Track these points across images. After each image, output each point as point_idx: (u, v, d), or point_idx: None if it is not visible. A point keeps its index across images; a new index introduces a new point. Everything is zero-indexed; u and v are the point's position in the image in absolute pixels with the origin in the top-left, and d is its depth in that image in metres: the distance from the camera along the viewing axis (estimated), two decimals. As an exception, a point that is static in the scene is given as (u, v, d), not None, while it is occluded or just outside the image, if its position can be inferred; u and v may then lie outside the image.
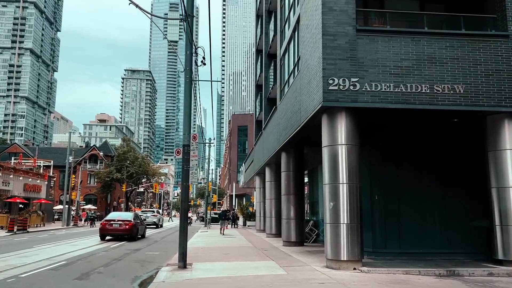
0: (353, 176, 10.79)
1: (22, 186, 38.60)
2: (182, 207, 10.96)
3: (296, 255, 13.71)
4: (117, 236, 21.85)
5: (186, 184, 11.01)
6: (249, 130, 75.71)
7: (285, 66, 17.55)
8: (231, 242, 19.91)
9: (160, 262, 12.94)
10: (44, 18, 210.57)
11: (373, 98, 10.81)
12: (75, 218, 42.07)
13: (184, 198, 11.00)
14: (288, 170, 17.88)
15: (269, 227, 23.32)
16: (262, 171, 26.92)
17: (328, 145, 11.17)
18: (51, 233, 28.53)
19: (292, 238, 17.34)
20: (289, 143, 16.40)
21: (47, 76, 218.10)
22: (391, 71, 10.96)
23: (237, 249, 16.22)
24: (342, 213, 10.65)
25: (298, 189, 17.74)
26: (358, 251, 10.55)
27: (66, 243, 19.46)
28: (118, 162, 66.02)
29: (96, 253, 15.19)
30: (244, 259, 12.85)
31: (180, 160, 70.00)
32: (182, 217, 10.95)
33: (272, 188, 23.43)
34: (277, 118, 18.55)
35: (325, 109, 11.13)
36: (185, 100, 11.34)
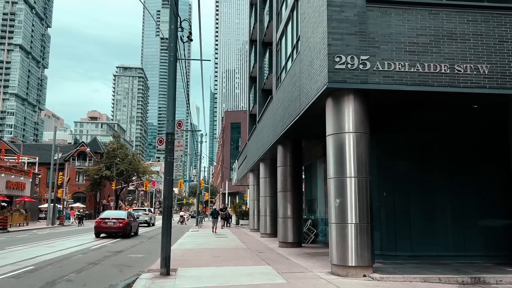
0: (362, 168, 9.36)
1: (4, 184, 36.79)
2: (165, 205, 9.48)
3: (295, 258, 12.28)
4: (111, 234, 22.61)
5: (170, 178, 9.52)
6: (242, 127, 74.25)
7: (282, 51, 16.09)
8: (222, 242, 18.45)
9: (141, 266, 11.47)
10: (34, 14, 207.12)
11: (386, 79, 9.38)
12: (61, 216, 40.32)
13: (168, 194, 9.51)
14: (285, 165, 16.44)
15: (264, 227, 21.88)
16: (256, 167, 25.47)
17: (333, 134, 9.72)
18: (32, 233, 26.86)
19: (289, 239, 15.92)
20: (286, 135, 14.95)
21: (37, 73, 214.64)
22: (406, 48, 9.54)
23: (229, 251, 14.76)
24: (349, 212, 9.23)
25: (296, 186, 16.31)
26: (368, 255, 9.13)
27: (44, 244, 17.87)
28: (108, 159, 64.17)
29: (73, 256, 13.65)
30: (236, 263, 11.39)
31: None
32: (165, 216, 9.46)
33: (267, 185, 21.99)
34: (272, 108, 17.10)
35: (330, 92, 9.69)
36: (169, 81, 9.85)
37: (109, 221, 22.77)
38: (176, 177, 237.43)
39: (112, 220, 22.78)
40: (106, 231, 22.66)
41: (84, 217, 42.35)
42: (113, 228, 22.51)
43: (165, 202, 9.52)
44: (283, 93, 14.67)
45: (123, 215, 23.90)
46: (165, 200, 9.53)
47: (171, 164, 9.56)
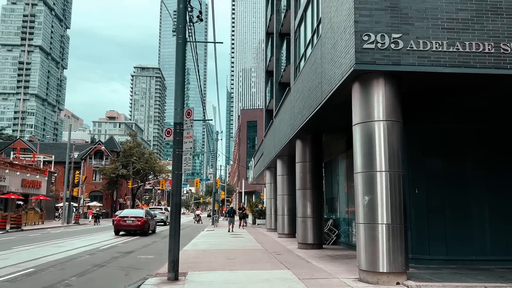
0: (394, 161, 8.26)
1: (20, 182, 36.61)
2: (173, 202, 8.55)
3: (317, 262, 11.22)
4: (129, 232, 23.59)
5: (178, 172, 8.59)
6: (258, 125, 73.36)
7: (301, 38, 15.02)
8: (238, 243, 17.49)
9: (150, 269, 10.58)
10: (53, 15, 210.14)
11: (421, 60, 8.25)
12: (76, 215, 40.01)
13: (176, 190, 8.58)
14: (304, 161, 15.36)
15: (281, 226, 20.85)
16: (273, 164, 24.46)
17: (360, 122, 8.64)
18: (45, 232, 26.41)
19: (309, 240, 14.85)
20: (305, 129, 13.90)
21: (56, 74, 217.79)
22: (444, 25, 8.39)
23: (244, 252, 13.79)
24: (380, 211, 8.14)
25: (316, 183, 15.22)
26: (402, 260, 8.03)
27: (53, 244, 17.22)
28: (124, 158, 63.99)
29: (79, 257, 12.87)
30: (252, 266, 10.40)
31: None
32: (173, 214, 8.54)
33: (285, 183, 20.96)
34: (290, 101, 16.05)
35: (357, 76, 8.61)
36: (177, 65, 8.92)
37: (128, 219, 23.71)
38: (193, 175, 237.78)
39: (130, 219, 23.70)
40: (125, 229, 23.57)
41: (100, 216, 42.01)
42: (131, 226, 23.41)
43: (173, 199, 8.60)
44: (302, 83, 13.61)
45: (141, 214, 24.79)
46: (173, 197, 8.60)
47: (179, 157, 8.63)
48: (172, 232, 8.47)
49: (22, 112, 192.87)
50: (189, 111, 8.78)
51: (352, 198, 14.90)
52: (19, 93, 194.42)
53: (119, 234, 23.63)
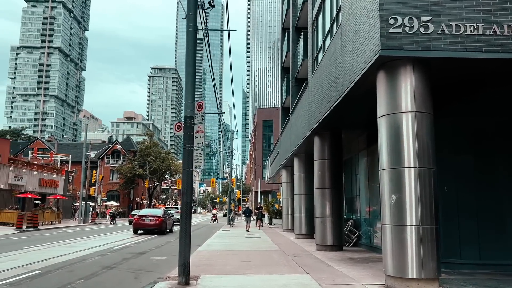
0: (425, 156, 7.52)
1: (37, 181, 36.77)
2: (184, 201, 7.98)
3: (337, 265, 10.52)
4: (147, 230, 23.98)
5: (189, 169, 8.01)
6: (274, 124, 72.66)
7: (319, 29, 14.30)
8: (254, 244, 16.88)
9: (161, 271, 10.06)
10: (72, 17, 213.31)
11: (454, 45, 7.49)
12: (93, 214, 40.04)
13: (187, 188, 8.00)
14: (323, 158, 14.65)
15: (298, 227, 20.16)
16: (290, 163, 23.79)
17: (386, 114, 7.92)
18: (60, 231, 26.28)
19: (328, 241, 14.13)
20: (324, 124, 13.20)
21: (75, 75, 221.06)
22: (479, 6, 7.62)
23: (260, 254, 13.16)
24: (409, 210, 7.42)
25: (335, 181, 14.48)
26: (433, 265, 7.28)
27: (65, 244, 16.90)
28: (141, 158, 64.06)
29: (89, 258, 12.44)
30: (269, 270, 9.76)
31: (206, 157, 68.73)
32: (183, 214, 7.96)
33: (302, 182, 20.28)
34: (308, 95, 15.36)
35: (383, 63, 7.90)
36: (188, 55, 8.35)
37: (146, 218, 24.17)
38: (209, 175, 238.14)
39: (149, 218, 24.14)
40: (143, 228, 23.98)
41: (116, 215, 41.99)
42: (149, 225, 23.82)
43: (184, 197, 8.02)
44: (321, 76, 12.92)
45: (159, 213, 25.23)
46: (184, 195, 8.03)
47: (190, 153, 8.05)
48: (182, 233, 7.90)
49: (42, 113, 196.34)
50: (200, 104, 8.20)
51: (373, 198, 14.14)
52: (39, 95, 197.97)
53: (137, 233, 24.02)
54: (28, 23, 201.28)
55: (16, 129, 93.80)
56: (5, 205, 31.03)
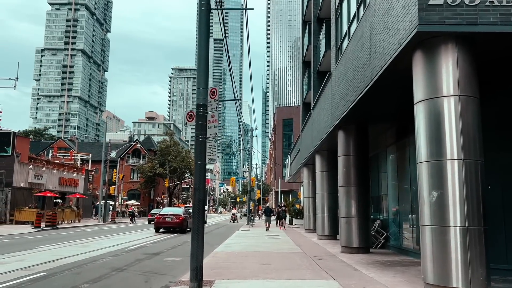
0: (470, 147, 6.53)
1: (57, 180, 36.79)
2: (196, 198, 7.19)
3: (366, 270, 9.57)
4: (169, 229, 24.20)
5: (202, 163, 7.22)
6: (295, 123, 71.69)
7: (343, 15, 13.34)
8: (274, 245, 16.02)
9: (174, 275, 9.33)
10: (94, 19, 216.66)
11: (505, 18, 6.48)
12: (112, 213, 39.89)
13: (199, 184, 7.21)
14: (348, 154, 13.68)
15: (321, 227, 19.20)
16: (311, 160, 22.84)
17: (424, 99, 6.95)
18: (78, 230, 25.99)
19: (354, 243, 13.17)
20: (349, 117, 12.26)
21: (98, 76, 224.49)
22: (535, -27, 6.57)
23: (281, 256, 12.29)
24: (452, 209, 6.44)
25: (362, 179, 13.50)
26: (483, 272, 6.29)
27: (79, 244, 16.40)
28: (161, 157, 63.99)
29: (100, 259, 11.82)
30: (290, 275, 8.90)
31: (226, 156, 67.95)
32: (195, 212, 7.18)
33: (324, 180, 19.32)
34: (331, 87, 14.41)
35: (420, 41, 6.94)
36: (200, 37, 7.56)
37: (167, 217, 24.44)
38: (229, 174, 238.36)
39: (170, 216, 24.42)
40: (165, 226, 24.23)
41: (137, 214, 41.74)
42: (171, 224, 24.11)
43: (196, 194, 7.23)
44: (346, 64, 11.97)
45: (180, 212, 25.45)
46: (196, 192, 7.23)
47: (202, 145, 7.26)
48: (195, 234, 7.11)
49: (65, 114, 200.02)
50: (213, 90, 7.40)
51: (403, 196, 13.10)
52: (63, 96, 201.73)
53: (159, 231, 24.29)
54: (52, 25, 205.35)
55: (40, 129, 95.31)
56: (25, 203, 31.03)
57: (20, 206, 29.91)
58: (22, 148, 31.24)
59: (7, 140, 27.34)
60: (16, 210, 29.53)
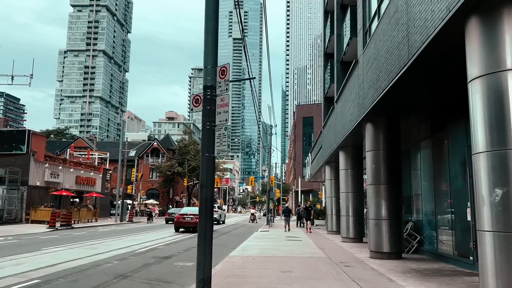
0: (546, 133, 5.19)
1: (74, 179, 36.40)
2: (203, 196, 6.06)
3: (403, 280, 8.27)
4: (188, 228, 24.15)
5: (210, 155, 6.09)
6: (315, 121, 70.18)
7: (372, -6, 12.02)
8: (295, 248, 14.80)
9: (182, 283, 8.25)
10: (115, 20, 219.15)
11: None
12: (130, 213, 39.31)
13: (206, 180, 6.06)
14: (377, 149, 12.36)
15: (346, 229, 17.87)
16: (334, 158, 21.52)
17: (483, 75, 5.63)
18: (92, 230, 25.30)
19: (384, 247, 11.84)
20: (379, 107, 10.98)
21: (119, 77, 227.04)
22: None
23: (304, 262, 11.07)
24: (521, 212, 5.10)
25: (393, 176, 12.15)
26: None
27: (88, 245, 15.54)
28: (180, 156, 63.39)
29: (105, 263, 10.84)
30: (315, 286, 7.68)
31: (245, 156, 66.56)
32: (202, 213, 6.04)
33: (349, 179, 17.99)
34: (358, 76, 13.11)
35: (475, 5, 5.63)
36: (208, 7, 6.41)
37: (187, 216, 24.55)
38: (249, 174, 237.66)
39: (189, 216, 24.43)
40: (184, 226, 24.36)
41: (152, 214, 40.98)
42: (190, 223, 23.94)
43: (203, 191, 6.09)
44: (376, 47, 10.65)
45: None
46: (203, 189, 6.10)
47: (211, 134, 6.12)
48: (201, 240, 5.97)
49: (87, 114, 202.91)
50: (223, 69, 6.26)
51: (440, 196, 11.70)
52: (85, 96, 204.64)
53: (178, 231, 24.34)
54: (74, 27, 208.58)
55: (61, 129, 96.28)
56: (41, 202, 30.64)
57: (36, 205, 29.49)
58: (38, 147, 30.84)
59: (22, 138, 26.90)
60: (31, 209, 29.12)
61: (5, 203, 27.89)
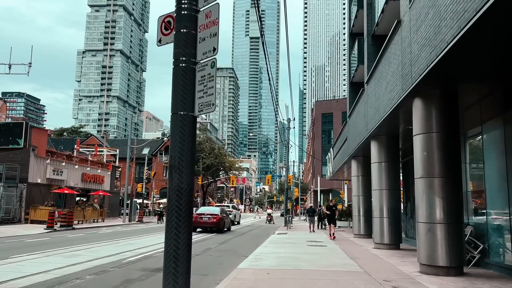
0: None
1: (79, 176, 34.29)
2: (173, 183, 3.43)
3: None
4: (206, 229, 23.79)
5: (186, 113, 3.47)
6: (334, 117, 67.30)
7: None
8: (320, 257, 12.06)
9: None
10: (132, 20, 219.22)
11: None
12: (139, 212, 37.07)
13: (180, 159, 3.44)
14: (429, 131, 9.51)
15: (379, 233, 15.02)
16: (362, 151, 18.73)
17: None
18: (93, 232, 23.00)
19: (439, 260, 9.00)
20: (434, 76, 8.30)
21: (136, 76, 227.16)
22: None
23: (335, 280, 8.33)
24: None
25: (452, 166, 9.29)
26: None
27: (72, 251, 13.06)
28: (194, 154, 61.06)
29: (73, 279, 8.30)
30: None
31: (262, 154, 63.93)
32: (173, 217, 3.42)
33: (383, 173, 15.15)
34: (401, 40, 10.30)
35: None
36: None
37: (204, 216, 23.98)
38: (265, 173, 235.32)
39: (207, 216, 23.96)
40: (202, 226, 23.77)
41: (164, 213, 38.66)
42: (208, 224, 23.64)
43: (173, 177, 3.43)
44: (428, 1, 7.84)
45: (217, 211, 24.91)
46: (173, 173, 3.44)
47: (188, 76, 3.49)
48: (169, 266, 3.31)
49: (105, 114, 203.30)
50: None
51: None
52: (103, 96, 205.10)
53: (196, 231, 23.80)
54: (92, 27, 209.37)
55: (75, 127, 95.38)
56: (43, 201, 28.57)
57: (36, 204, 27.40)
58: (39, 141, 28.79)
59: (19, 132, 24.70)
60: (31, 208, 27.03)
61: (2, 202, 25.85)
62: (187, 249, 3.37)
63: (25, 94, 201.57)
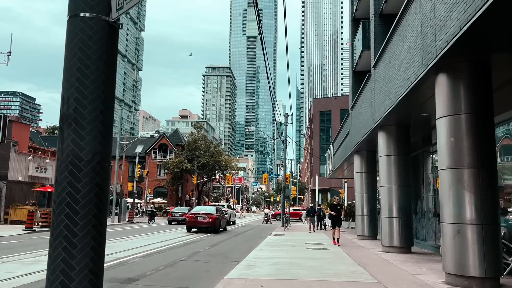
0: None
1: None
2: (63, 154, 1.80)
3: None
4: (201, 228, 23.18)
5: (95, 15, 1.78)
6: (333, 115, 65.79)
7: None
8: (323, 263, 10.40)
9: None
10: (128, 18, 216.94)
11: None
12: (129, 212, 35.34)
13: (77, 105, 1.81)
14: (456, 112, 7.86)
15: (388, 235, 13.38)
16: (366, 145, 17.16)
17: None
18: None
19: (471, 269, 7.36)
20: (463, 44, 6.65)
21: (132, 75, 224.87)
22: None
23: (344, 295, 6.67)
24: None
25: (485, 155, 7.66)
26: None
27: (35, 257, 11.36)
28: (189, 152, 59.34)
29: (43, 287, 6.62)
30: None
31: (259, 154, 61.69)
32: (56, 223, 1.79)
33: (392, 169, 13.51)
34: (420, 8, 8.66)
35: None
36: None
37: (199, 216, 23.40)
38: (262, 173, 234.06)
39: (202, 215, 23.37)
40: (197, 226, 23.25)
41: (155, 213, 36.90)
42: (203, 223, 23.08)
43: (59, 153, 1.78)
44: None
45: (212, 211, 24.22)
46: (62, 145, 1.79)
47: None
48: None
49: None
50: None
51: None
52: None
53: (191, 231, 23.32)
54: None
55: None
56: (24, 200, 26.81)
57: (16, 203, 25.64)
58: (21, 136, 27.03)
59: (-4, 125, 22.95)
60: (11, 208, 25.27)
61: (-21, 201, 24.10)
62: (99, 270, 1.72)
63: (20, 93, 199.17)
